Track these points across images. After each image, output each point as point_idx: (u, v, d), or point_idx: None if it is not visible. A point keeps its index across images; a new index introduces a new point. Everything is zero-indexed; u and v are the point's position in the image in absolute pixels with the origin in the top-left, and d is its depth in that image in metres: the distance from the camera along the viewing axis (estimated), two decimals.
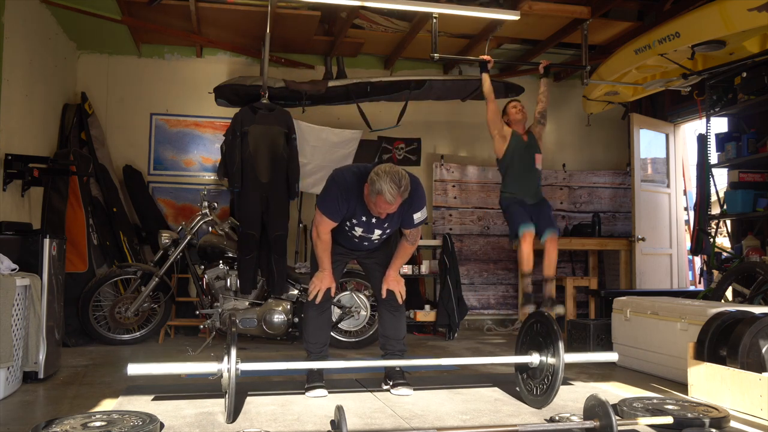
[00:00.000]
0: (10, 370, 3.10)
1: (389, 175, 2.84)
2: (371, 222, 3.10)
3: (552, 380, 2.77)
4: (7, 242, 3.34)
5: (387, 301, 3.34)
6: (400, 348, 3.34)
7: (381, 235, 3.22)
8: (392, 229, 3.24)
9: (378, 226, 3.13)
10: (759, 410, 2.84)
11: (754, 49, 4.54)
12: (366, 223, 3.11)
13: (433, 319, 5.63)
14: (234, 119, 4.89)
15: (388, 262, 3.34)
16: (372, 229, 3.15)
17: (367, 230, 3.15)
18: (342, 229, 3.17)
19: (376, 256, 3.37)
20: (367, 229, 3.15)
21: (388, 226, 3.17)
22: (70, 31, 5.62)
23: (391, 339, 3.33)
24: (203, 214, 4.88)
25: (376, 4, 4.70)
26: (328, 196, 3.06)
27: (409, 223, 3.17)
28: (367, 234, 3.17)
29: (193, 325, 5.24)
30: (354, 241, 3.24)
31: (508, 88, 6.01)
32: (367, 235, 3.18)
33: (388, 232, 3.23)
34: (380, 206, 2.91)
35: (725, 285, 4.55)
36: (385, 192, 2.83)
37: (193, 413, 2.73)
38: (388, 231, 3.22)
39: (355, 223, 3.12)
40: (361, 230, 3.15)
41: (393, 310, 3.34)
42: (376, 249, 3.35)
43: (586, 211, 6.74)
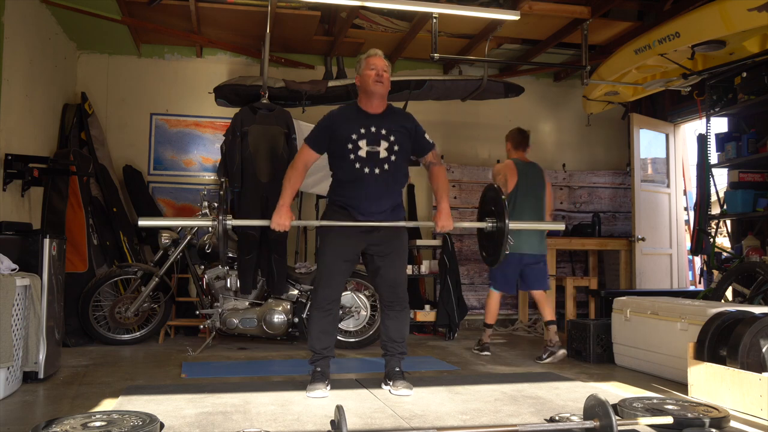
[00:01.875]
0: (10, 370, 3.11)
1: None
2: (371, 131, 3.14)
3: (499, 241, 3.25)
4: (7, 242, 3.34)
5: (391, 303, 3.28)
6: (401, 350, 3.32)
7: (389, 151, 3.14)
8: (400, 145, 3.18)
9: (382, 136, 3.14)
10: (759, 410, 2.84)
11: (754, 49, 4.54)
12: (368, 134, 3.13)
13: (433, 319, 5.63)
14: (234, 119, 4.89)
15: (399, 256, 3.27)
16: (377, 139, 3.13)
17: (372, 141, 3.13)
18: (347, 158, 3.11)
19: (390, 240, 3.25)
20: (372, 140, 3.13)
21: (395, 139, 3.16)
22: (70, 31, 5.62)
23: (394, 341, 3.30)
24: (203, 214, 4.88)
25: (376, 4, 4.71)
26: (315, 127, 3.27)
27: (426, 145, 3.32)
28: (374, 147, 3.12)
29: (193, 325, 5.24)
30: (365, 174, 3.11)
31: (508, 88, 6.01)
32: (374, 150, 3.12)
33: (396, 149, 3.16)
34: (373, 65, 3.18)
35: (725, 285, 4.54)
36: (370, 52, 3.25)
37: (193, 413, 2.73)
38: (396, 148, 3.16)
39: (356, 139, 3.12)
40: (366, 143, 3.11)
41: (398, 311, 3.29)
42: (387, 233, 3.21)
43: (586, 211, 6.74)
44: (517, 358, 4.55)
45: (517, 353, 4.80)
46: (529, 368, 4.12)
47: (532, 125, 6.95)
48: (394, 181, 3.22)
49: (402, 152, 3.22)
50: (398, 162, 3.20)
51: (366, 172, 3.13)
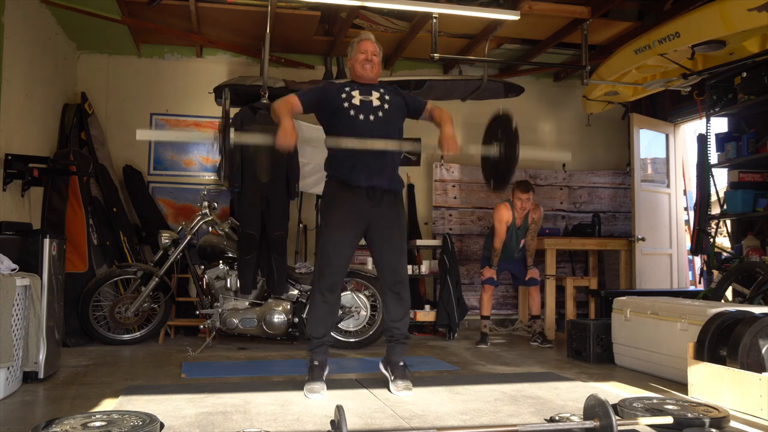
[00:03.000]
0: (10, 370, 3.10)
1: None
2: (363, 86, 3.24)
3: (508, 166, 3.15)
4: (7, 242, 3.34)
5: (393, 284, 3.26)
6: (404, 334, 3.31)
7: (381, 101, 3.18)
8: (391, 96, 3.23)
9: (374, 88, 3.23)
10: (759, 410, 2.84)
11: (754, 49, 4.54)
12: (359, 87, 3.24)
13: (433, 319, 5.63)
14: (234, 119, 4.89)
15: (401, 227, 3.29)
16: (369, 91, 3.22)
17: (364, 92, 3.21)
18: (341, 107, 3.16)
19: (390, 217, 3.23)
20: (364, 91, 3.21)
21: (385, 91, 3.24)
22: (70, 31, 5.62)
23: (397, 322, 3.28)
24: (203, 214, 4.88)
25: (376, 4, 4.71)
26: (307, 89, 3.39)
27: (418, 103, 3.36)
28: (366, 96, 3.19)
29: (193, 325, 5.24)
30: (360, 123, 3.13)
31: (508, 88, 6.01)
32: (367, 99, 3.18)
33: (388, 99, 3.22)
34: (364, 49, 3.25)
35: (725, 285, 4.54)
36: (362, 36, 3.31)
37: (193, 413, 2.73)
38: (387, 97, 3.22)
39: (350, 90, 3.21)
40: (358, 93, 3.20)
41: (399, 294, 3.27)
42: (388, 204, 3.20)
43: (586, 211, 6.74)
44: (517, 358, 4.55)
45: (517, 353, 4.80)
46: (529, 368, 4.12)
47: (532, 125, 6.96)
48: (390, 129, 3.22)
49: (394, 104, 3.24)
50: (391, 111, 3.23)
51: (360, 118, 3.15)
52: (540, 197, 6.65)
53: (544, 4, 5.00)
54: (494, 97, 6.16)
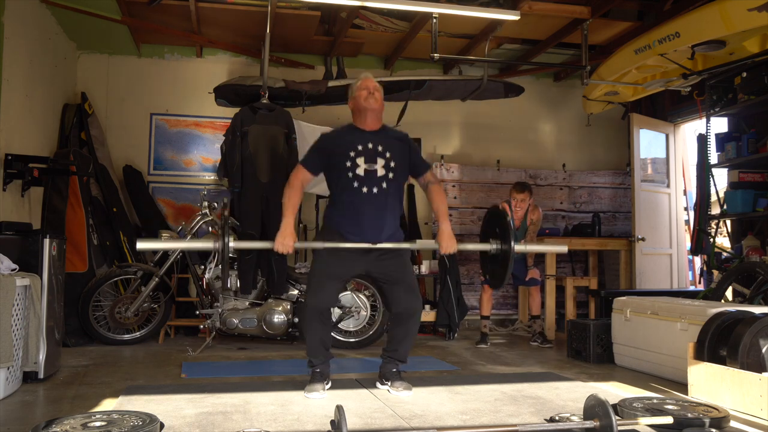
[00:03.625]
0: (10, 370, 3.11)
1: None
2: (368, 147, 3.14)
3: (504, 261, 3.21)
4: (7, 242, 3.34)
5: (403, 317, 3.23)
6: (402, 358, 3.31)
7: (386, 169, 3.13)
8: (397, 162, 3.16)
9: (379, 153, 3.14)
10: (759, 410, 2.84)
11: (754, 49, 4.54)
12: (365, 151, 3.13)
13: (433, 319, 5.63)
14: (234, 119, 4.89)
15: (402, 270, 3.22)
16: (374, 157, 3.13)
17: (369, 159, 3.12)
18: (345, 177, 3.11)
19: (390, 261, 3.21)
20: (369, 158, 3.12)
21: (392, 155, 3.16)
22: (70, 31, 5.62)
23: (399, 349, 3.28)
24: (203, 214, 4.87)
25: (376, 4, 4.71)
26: (310, 148, 3.32)
27: (423, 165, 3.34)
28: (371, 165, 3.11)
29: (193, 325, 5.24)
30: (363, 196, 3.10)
31: (508, 88, 6.01)
32: (371, 168, 3.11)
33: (393, 166, 3.15)
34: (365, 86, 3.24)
35: (725, 285, 4.54)
36: (360, 76, 3.32)
37: (193, 413, 2.73)
38: (393, 165, 3.15)
39: (354, 156, 3.12)
40: (363, 161, 3.11)
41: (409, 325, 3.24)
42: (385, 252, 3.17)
43: (586, 211, 6.74)
44: (517, 358, 4.55)
45: (517, 353, 4.80)
46: (529, 368, 4.12)
47: (532, 125, 6.97)
48: (393, 200, 3.20)
49: (399, 170, 3.20)
50: (396, 180, 3.19)
51: (364, 192, 3.11)
52: (540, 197, 6.64)
53: (544, 4, 5.00)
54: (494, 97, 6.17)
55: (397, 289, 3.20)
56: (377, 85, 3.31)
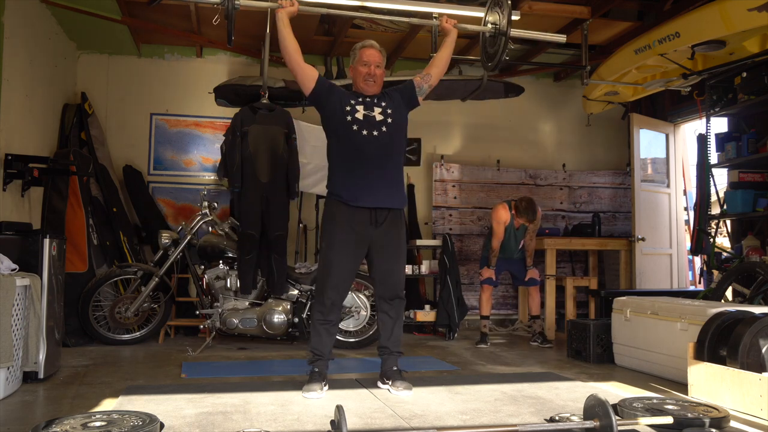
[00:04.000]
0: (10, 370, 3.10)
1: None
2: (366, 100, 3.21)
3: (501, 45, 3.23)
4: (7, 242, 3.34)
5: (389, 294, 3.27)
6: (397, 349, 3.33)
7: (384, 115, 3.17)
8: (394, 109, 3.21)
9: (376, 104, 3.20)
10: (759, 410, 2.84)
11: (754, 49, 4.54)
12: (363, 102, 3.20)
13: (433, 319, 5.63)
14: (234, 119, 4.89)
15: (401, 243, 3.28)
16: (371, 106, 3.19)
17: (368, 107, 3.18)
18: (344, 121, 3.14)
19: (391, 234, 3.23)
20: (367, 107, 3.18)
21: (387, 104, 3.21)
22: (70, 31, 5.62)
23: (389, 338, 3.31)
24: (203, 214, 4.88)
25: (376, 4, 4.70)
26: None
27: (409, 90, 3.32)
28: (369, 111, 3.16)
29: (193, 325, 5.24)
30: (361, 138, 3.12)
31: (508, 88, 6.01)
32: (370, 114, 3.15)
33: (390, 112, 3.19)
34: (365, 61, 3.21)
35: (725, 285, 4.54)
36: (365, 43, 3.27)
37: (193, 413, 2.73)
38: (390, 111, 3.20)
39: (354, 104, 3.18)
40: (362, 108, 3.17)
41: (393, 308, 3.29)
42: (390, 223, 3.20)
43: (586, 211, 6.74)
44: (517, 358, 4.55)
45: (517, 353, 4.80)
46: (529, 368, 4.12)
47: (532, 125, 6.97)
48: (393, 146, 3.21)
49: (396, 115, 3.23)
50: (394, 125, 3.21)
51: (364, 134, 3.14)
52: (540, 197, 6.65)
53: (544, 4, 5.00)
54: (494, 97, 6.16)
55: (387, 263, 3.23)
56: (379, 57, 3.29)
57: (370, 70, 3.24)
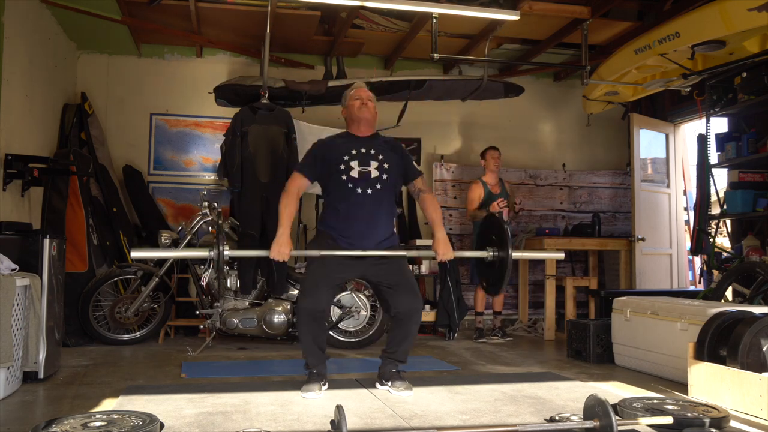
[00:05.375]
0: (10, 370, 3.11)
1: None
2: (362, 152, 3.20)
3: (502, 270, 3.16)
4: (7, 242, 3.34)
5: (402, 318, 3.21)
6: (402, 358, 3.30)
7: (380, 170, 3.16)
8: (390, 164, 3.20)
9: (372, 156, 3.20)
10: (759, 410, 2.85)
11: (754, 49, 4.54)
12: (359, 155, 3.19)
13: (433, 319, 5.63)
14: (234, 119, 4.89)
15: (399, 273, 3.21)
16: (368, 160, 3.18)
17: (363, 162, 3.17)
18: (339, 179, 3.15)
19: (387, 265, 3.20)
20: (363, 161, 3.17)
21: (384, 158, 3.21)
22: (70, 31, 5.62)
23: (398, 350, 3.27)
24: (203, 214, 4.87)
25: (376, 4, 4.70)
26: (306, 154, 3.37)
27: (414, 172, 3.35)
28: (365, 167, 3.15)
29: (193, 325, 5.24)
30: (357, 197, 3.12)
31: (508, 88, 6.01)
32: (365, 170, 3.15)
33: (386, 168, 3.19)
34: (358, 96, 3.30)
35: (725, 285, 4.54)
36: (354, 85, 3.38)
37: (193, 413, 2.73)
38: (386, 166, 3.19)
39: (348, 160, 3.17)
40: (357, 164, 3.16)
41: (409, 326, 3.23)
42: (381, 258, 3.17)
43: (586, 211, 6.74)
44: (517, 358, 4.55)
45: (517, 353, 4.80)
46: (529, 368, 4.12)
47: (532, 125, 6.97)
48: (387, 203, 3.22)
49: (392, 172, 3.22)
50: (389, 182, 3.21)
51: (358, 192, 3.14)
52: (540, 197, 6.65)
53: (544, 4, 5.00)
54: (494, 97, 6.16)
55: (395, 292, 3.19)
56: (370, 94, 3.36)
57: (363, 101, 3.29)
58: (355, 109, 3.30)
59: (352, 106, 3.31)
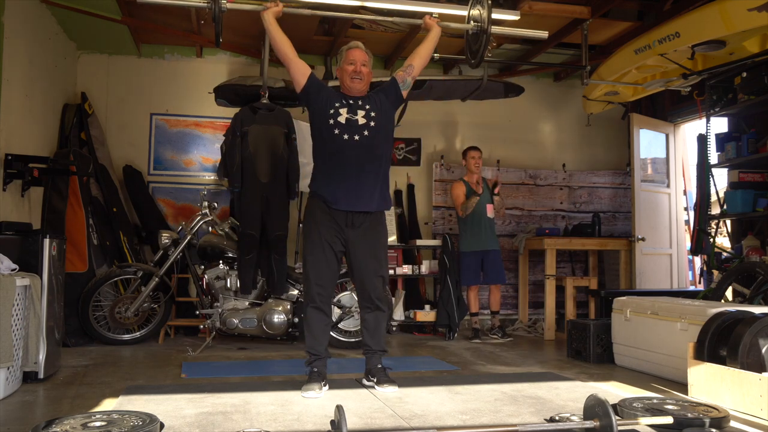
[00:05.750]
0: (10, 370, 3.11)
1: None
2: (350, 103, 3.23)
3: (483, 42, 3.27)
4: (7, 242, 3.34)
5: (369, 302, 3.30)
6: (381, 347, 3.33)
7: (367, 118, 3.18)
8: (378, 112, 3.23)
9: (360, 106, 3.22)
10: (759, 410, 2.85)
11: (754, 49, 4.54)
12: (347, 104, 3.22)
13: (433, 319, 5.63)
14: (234, 119, 4.89)
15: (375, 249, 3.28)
16: (355, 109, 3.21)
17: (351, 110, 3.20)
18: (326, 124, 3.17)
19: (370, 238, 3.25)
20: (351, 110, 3.20)
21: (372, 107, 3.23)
22: (70, 31, 5.62)
23: (372, 338, 3.32)
24: (203, 214, 4.88)
25: (376, 4, 4.70)
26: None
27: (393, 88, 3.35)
28: (352, 115, 3.18)
29: (193, 325, 5.24)
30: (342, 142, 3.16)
31: (508, 88, 6.01)
32: (353, 118, 3.17)
33: (374, 115, 3.21)
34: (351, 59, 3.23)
35: (725, 285, 4.54)
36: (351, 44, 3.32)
37: (193, 413, 2.73)
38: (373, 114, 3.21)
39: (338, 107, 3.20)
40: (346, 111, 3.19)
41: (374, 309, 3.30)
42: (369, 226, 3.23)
43: (586, 211, 6.74)
44: (517, 358, 4.55)
45: (517, 353, 4.80)
46: (529, 368, 4.12)
47: (532, 125, 6.97)
48: (375, 149, 3.23)
49: (381, 117, 3.24)
50: (377, 128, 3.22)
51: (345, 138, 3.17)
52: (540, 197, 6.65)
53: (544, 4, 4.99)
54: (494, 97, 6.16)
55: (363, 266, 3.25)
56: (365, 57, 3.33)
57: (356, 68, 3.28)
58: (347, 76, 3.29)
59: (345, 72, 3.29)
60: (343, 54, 3.34)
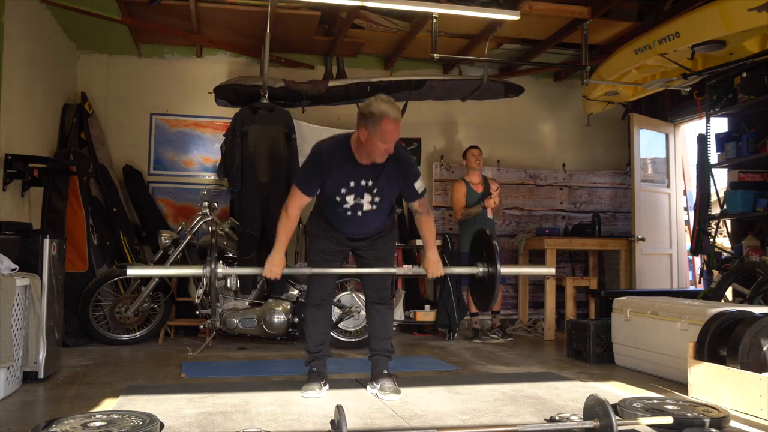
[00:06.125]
0: (10, 370, 3.11)
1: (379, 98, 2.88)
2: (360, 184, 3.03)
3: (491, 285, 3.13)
4: (7, 242, 3.34)
5: (376, 298, 3.29)
6: (387, 348, 3.30)
7: (372, 203, 3.10)
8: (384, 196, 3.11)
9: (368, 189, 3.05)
10: (759, 410, 2.85)
11: (754, 49, 4.54)
12: (356, 188, 3.04)
13: (433, 319, 5.63)
14: (234, 119, 4.89)
15: (388, 256, 3.31)
16: (362, 193, 3.05)
17: (358, 195, 3.06)
18: (333, 202, 3.10)
19: (377, 248, 3.27)
20: (358, 194, 3.06)
21: (379, 190, 3.06)
22: (70, 31, 5.62)
23: (379, 339, 3.29)
24: (203, 214, 4.87)
25: (376, 4, 4.70)
26: (304, 166, 3.16)
27: (412, 194, 3.14)
28: (358, 200, 3.07)
29: (193, 325, 5.24)
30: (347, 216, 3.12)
31: (508, 88, 6.01)
32: (358, 202, 3.07)
33: (378, 200, 3.09)
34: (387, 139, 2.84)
35: (725, 285, 4.54)
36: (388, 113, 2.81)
37: (193, 413, 2.73)
38: (377, 199, 3.09)
39: (345, 194, 3.05)
40: (353, 198, 3.07)
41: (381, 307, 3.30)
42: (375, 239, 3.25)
43: (586, 211, 6.74)
44: (517, 358, 4.55)
45: (517, 353, 4.80)
46: (529, 368, 4.12)
47: (532, 125, 6.97)
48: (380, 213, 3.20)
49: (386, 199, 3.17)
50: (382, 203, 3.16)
51: (348, 215, 3.14)
52: (540, 197, 6.65)
53: (544, 4, 4.99)
54: (494, 97, 6.16)
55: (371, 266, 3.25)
56: (399, 133, 2.96)
57: (389, 148, 2.93)
58: (376, 152, 2.93)
59: (376, 148, 2.90)
60: (379, 122, 2.82)
